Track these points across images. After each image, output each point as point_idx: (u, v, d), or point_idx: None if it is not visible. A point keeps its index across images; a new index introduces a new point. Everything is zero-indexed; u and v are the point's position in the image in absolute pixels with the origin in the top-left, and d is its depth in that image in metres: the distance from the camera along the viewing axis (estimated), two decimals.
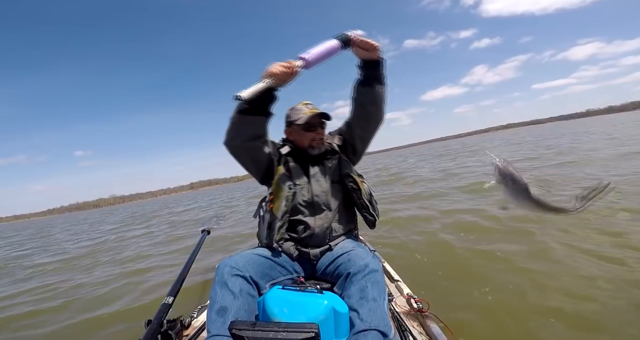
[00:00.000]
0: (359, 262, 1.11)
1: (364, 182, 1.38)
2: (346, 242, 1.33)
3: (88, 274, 4.51)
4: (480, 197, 5.14)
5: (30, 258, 7.06)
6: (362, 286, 1.04)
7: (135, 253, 5.61)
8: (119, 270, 4.43)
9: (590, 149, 9.49)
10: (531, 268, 2.41)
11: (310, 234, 1.29)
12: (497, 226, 3.52)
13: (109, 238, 8.75)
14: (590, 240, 2.75)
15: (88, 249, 7.09)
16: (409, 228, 4.09)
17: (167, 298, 1.28)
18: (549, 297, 1.99)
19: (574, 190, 3.88)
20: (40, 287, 4.10)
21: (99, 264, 5.16)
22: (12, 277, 5.13)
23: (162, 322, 1.17)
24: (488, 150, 12.04)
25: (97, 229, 12.65)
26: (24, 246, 10.26)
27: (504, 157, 0.97)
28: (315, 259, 1.30)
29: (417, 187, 7.75)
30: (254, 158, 1.28)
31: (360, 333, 0.96)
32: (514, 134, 43.52)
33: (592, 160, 7.11)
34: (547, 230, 3.11)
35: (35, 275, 5.04)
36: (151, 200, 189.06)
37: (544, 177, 5.71)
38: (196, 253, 1.74)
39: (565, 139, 16.00)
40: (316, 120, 1.34)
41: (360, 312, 1.00)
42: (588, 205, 0.93)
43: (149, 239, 7.24)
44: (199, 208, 15.25)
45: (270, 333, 0.78)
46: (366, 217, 1.37)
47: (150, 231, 8.75)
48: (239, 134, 1.20)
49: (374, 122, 1.36)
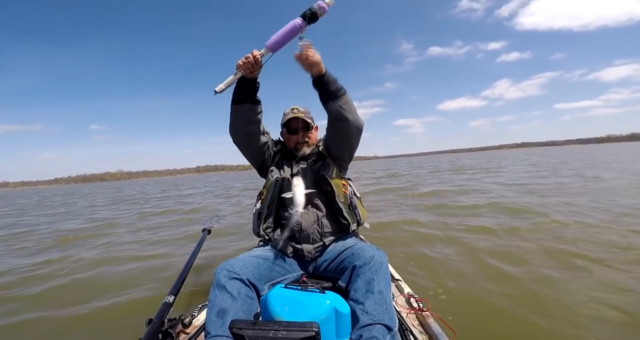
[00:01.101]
0: (365, 254, 1.12)
1: (347, 185, 1.40)
2: (347, 239, 1.34)
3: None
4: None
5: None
6: (369, 279, 1.05)
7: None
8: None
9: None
10: (533, 267, 2.41)
11: (300, 230, 1.31)
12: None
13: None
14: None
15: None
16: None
17: (167, 297, 1.28)
18: (551, 297, 1.99)
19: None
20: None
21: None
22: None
23: (163, 321, 1.17)
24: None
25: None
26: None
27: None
28: (310, 255, 1.30)
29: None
30: (251, 144, 1.38)
31: (365, 327, 0.96)
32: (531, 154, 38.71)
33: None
34: (540, 234, 3.11)
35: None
36: (157, 178, 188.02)
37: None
38: (197, 252, 1.74)
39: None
40: (298, 125, 1.43)
41: (366, 305, 1.00)
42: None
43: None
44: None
45: (271, 332, 0.78)
46: (339, 220, 1.35)
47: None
48: (236, 121, 1.31)
49: (349, 134, 1.33)
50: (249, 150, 1.42)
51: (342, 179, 1.42)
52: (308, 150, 1.46)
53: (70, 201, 16.25)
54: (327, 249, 1.31)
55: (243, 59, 1.16)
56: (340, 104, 1.25)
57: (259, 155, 1.44)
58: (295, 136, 1.45)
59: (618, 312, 1.78)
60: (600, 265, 2.39)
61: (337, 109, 1.25)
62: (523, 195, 5.93)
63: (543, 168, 12.95)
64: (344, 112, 1.25)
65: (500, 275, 2.38)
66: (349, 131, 1.31)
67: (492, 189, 7.07)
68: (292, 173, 1.40)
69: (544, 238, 3.16)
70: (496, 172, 12.71)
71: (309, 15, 1.13)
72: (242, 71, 1.19)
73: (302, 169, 1.41)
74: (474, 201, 5.67)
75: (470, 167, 18.42)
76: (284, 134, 1.52)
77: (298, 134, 1.44)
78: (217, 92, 1.17)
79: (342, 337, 1.02)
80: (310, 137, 1.47)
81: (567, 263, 2.49)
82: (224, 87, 1.19)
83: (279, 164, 1.45)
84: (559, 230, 3.40)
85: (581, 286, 2.11)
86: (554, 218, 3.88)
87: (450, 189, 7.67)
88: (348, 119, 1.27)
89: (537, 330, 1.69)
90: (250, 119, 1.30)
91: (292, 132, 1.46)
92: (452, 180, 10.32)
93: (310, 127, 1.46)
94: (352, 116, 1.28)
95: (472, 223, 4.04)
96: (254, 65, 1.17)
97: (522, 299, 2.01)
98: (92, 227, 6.50)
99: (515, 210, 4.55)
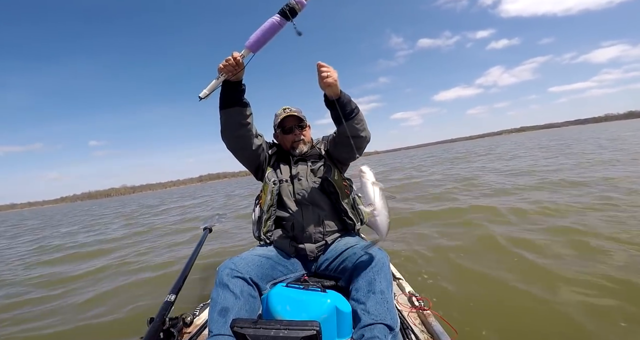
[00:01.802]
0: (366, 254, 1.12)
1: (349, 185, 1.41)
2: (348, 238, 1.34)
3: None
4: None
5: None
6: (370, 279, 1.05)
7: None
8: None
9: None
10: (539, 268, 2.41)
11: (302, 230, 1.31)
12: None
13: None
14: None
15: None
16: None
17: (169, 296, 1.28)
18: (553, 296, 1.98)
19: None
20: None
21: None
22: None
23: (165, 320, 1.17)
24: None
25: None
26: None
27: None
28: (312, 254, 1.31)
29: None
30: (245, 147, 1.34)
31: (366, 327, 0.96)
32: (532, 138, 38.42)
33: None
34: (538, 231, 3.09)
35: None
36: (160, 191, 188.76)
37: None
38: (198, 250, 1.74)
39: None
40: (292, 124, 1.43)
41: (367, 304, 1.00)
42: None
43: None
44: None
45: (272, 331, 0.78)
46: (345, 220, 1.37)
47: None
48: (227, 126, 1.28)
49: (360, 148, 1.32)
50: (243, 155, 1.39)
51: (344, 179, 1.42)
52: (305, 148, 1.44)
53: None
54: (329, 248, 1.32)
55: (224, 62, 1.14)
56: (354, 123, 1.23)
57: (254, 158, 1.41)
58: (290, 135, 1.44)
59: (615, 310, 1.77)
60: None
61: (353, 128, 1.23)
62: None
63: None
64: (358, 131, 1.25)
65: (501, 275, 2.38)
66: (361, 146, 1.31)
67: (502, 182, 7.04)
68: (292, 174, 1.40)
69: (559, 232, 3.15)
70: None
71: (287, 11, 1.09)
72: (224, 74, 1.16)
73: (302, 170, 1.40)
74: (475, 196, 5.65)
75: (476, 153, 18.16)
76: (279, 135, 1.49)
77: (293, 132, 1.43)
78: (201, 98, 1.15)
79: (343, 336, 1.02)
80: (305, 135, 1.46)
81: (582, 254, 2.48)
82: (207, 93, 1.16)
83: (275, 166, 1.44)
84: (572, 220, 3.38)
85: (586, 285, 2.11)
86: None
87: (453, 184, 7.66)
88: (362, 136, 1.27)
89: (540, 329, 1.69)
90: (240, 122, 1.27)
91: (286, 131, 1.44)
92: (453, 169, 10.24)
93: (304, 125, 1.45)
94: (365, 133, 1.27)
95: (473, 222, 4.03)
96: (235, 68, 1.14)
97: (525, 297, 2.00)
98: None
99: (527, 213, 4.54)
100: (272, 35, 1.13)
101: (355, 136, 1.25)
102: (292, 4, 1.09)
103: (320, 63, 1.13)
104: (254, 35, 1.13)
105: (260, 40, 1.13)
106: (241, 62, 1.14)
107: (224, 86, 1.19)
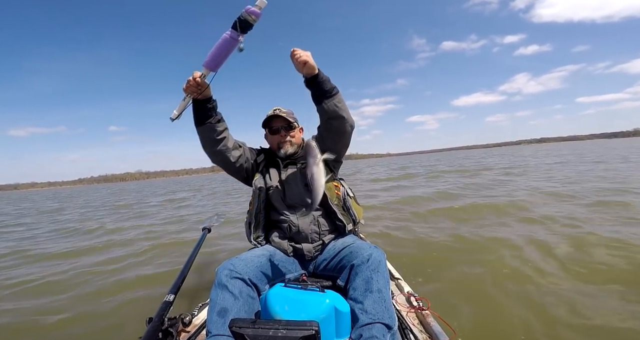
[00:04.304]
0: (362, 253, 1.12)
1: (340, 186, 1.39)
2: (346, 237, 1.34)
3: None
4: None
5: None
6: (367, 277, 1.05)
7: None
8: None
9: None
10: (536, 265, 2.41)
11: (297, 232, 1.31)
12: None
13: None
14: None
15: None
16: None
17: (168, 295, 1.28)
18: (551, 295, 1.98)
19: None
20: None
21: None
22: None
23: (163, 320, 1.17)
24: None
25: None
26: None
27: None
28: (310, 254, 1.31)
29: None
30: (225, 161, 1.38)
31: (364, 326, 0.96)
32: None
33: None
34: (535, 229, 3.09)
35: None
36: (173, 178, 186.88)
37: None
38: (197, 250, 1.74)
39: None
40: (279, 125, 1.42)
41: (365, 303, 1.00)
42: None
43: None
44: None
45: (271, 331, 0.78)
46: (334, 222, 1.35)
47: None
48: (204, 143, 1.33)
49: (344, 133, 1.32)
50: (226, 168, 1.42)
51: (334, 180, 1.40)
52: (291, 149, 1.43)
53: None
54: (326, 247, 1.31)
55: (186, 83, 1.15)
56: (335, 102, 1.23)
57: (237, 170, 1.42)
58: (276, 136, 1.43)
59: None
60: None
61: (333, 108, 1.23)
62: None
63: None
64: (339, 110, 1.24)
65: (501, 274, 2.38)
66: (344, 129, 1.30)
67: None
68: (280, 179, 1.39)
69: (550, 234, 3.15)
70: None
71: (239, 24, 1.05)
72: (189, 94, 1.17)
73: (291, 174, 1.39)
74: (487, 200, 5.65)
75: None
76: (267, 135, 1.49)
77: (280, 133, 1.42)
78: (172, 119, 1.17)
79: (341, 336, 1.02)
80: (293, 136, 1.44)
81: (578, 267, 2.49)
82: (177, 113, 1.17)
83: (264, 172, 1.43)
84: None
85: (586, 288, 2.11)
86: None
87: (452, 189, 7.65)
88: (344, 117, 1.26)
89: (537, 329, 1.69)
90: (214, 138, 1.29)
91: (273, 132, 1.44)
92: (456, 182, 10.22)
93: (292, 126, 1.44)
94: (347, 114, 1.27)
95: (474, 221, 4.03)
96: (198, 88, 1.15)
97: (524, 298, 2.00)
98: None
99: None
100: (230, 51, 1.10)
101: (337, 117, 1.25)
102: (243, 16, 1.05)
103: (293, 48, 1.15)
104: (209, 54, 1.11)
105: (216, 58, 1.11)
106: (202, 82, 1.15)
107: (194, 105, 1.23)
